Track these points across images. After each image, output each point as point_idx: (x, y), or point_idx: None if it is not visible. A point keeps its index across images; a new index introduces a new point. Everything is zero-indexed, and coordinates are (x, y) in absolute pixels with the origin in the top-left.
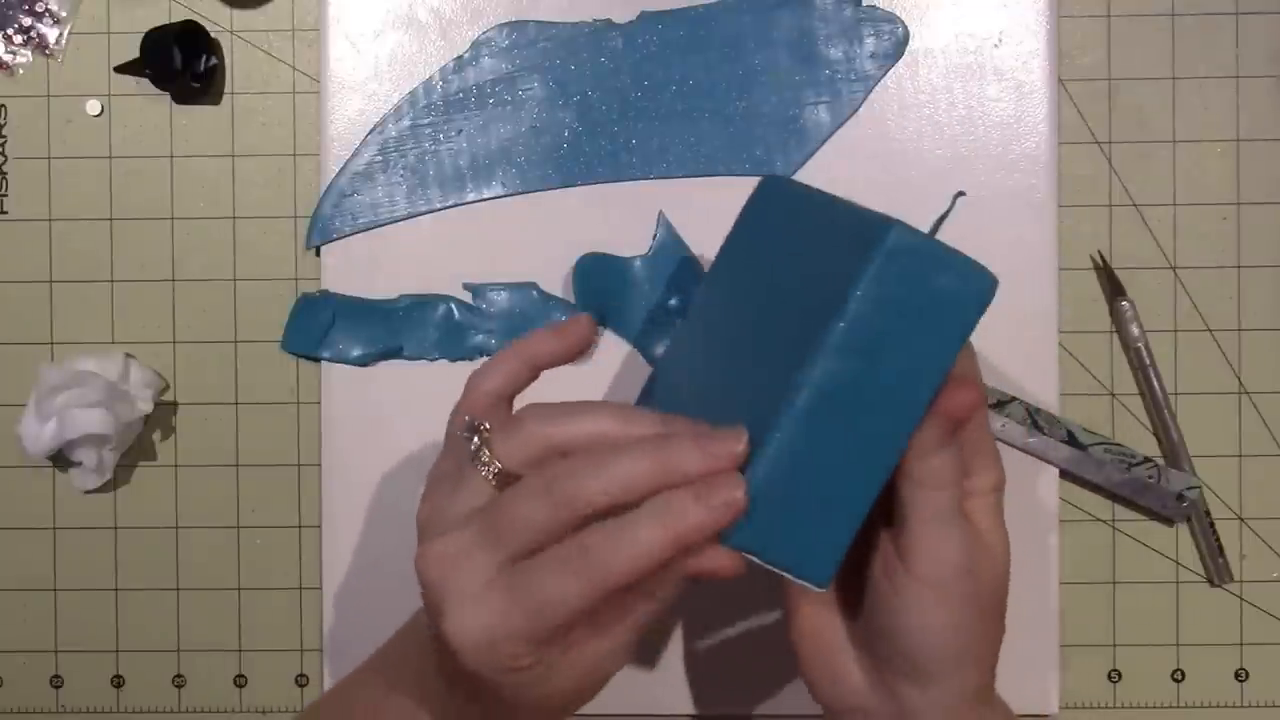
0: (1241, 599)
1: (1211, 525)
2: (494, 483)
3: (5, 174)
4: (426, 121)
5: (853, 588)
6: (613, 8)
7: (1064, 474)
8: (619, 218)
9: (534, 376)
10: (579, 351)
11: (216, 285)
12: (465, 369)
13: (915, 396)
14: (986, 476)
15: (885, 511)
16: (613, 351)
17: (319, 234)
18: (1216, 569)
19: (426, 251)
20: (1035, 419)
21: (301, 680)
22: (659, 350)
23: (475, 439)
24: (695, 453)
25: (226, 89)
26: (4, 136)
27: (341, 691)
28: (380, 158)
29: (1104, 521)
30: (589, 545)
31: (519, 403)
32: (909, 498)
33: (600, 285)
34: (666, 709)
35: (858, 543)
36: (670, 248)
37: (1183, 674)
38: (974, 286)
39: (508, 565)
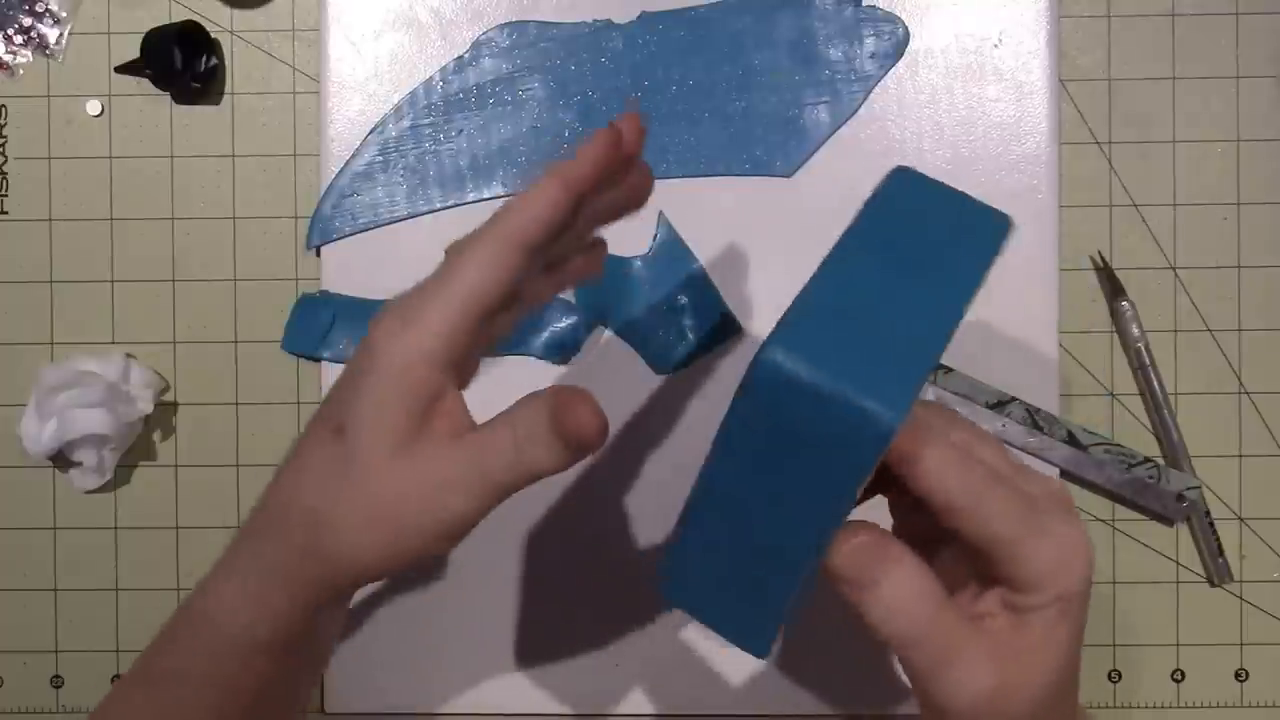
0: (1241, 599)
1: (1211, 525)
2: None
3: (5, 174)
4: (427, 121)
5: None
6: (613, 8)
7: (1064, 474)
8: None
9: (576, 206)
10: (622, 157)
11: (216, 285)
12: None
13: (813, 523)
14: (1023, 589)
15: None
16: (612, 351)
17: (319, 234)
18: (1216, 569)
19: (426, 251)
20: (1035, 419)
21: None
22: (661, 352)
23: None
24: (589, 150)
25: (226, 89)
26: (4, 136)
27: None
28: (380, 158)
29: (1104, 521)
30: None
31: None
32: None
33: (600, 285)
34: (668, 708)
35: None
36: (670, 248)
37: (1183, 674)
38: (860, 430)
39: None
